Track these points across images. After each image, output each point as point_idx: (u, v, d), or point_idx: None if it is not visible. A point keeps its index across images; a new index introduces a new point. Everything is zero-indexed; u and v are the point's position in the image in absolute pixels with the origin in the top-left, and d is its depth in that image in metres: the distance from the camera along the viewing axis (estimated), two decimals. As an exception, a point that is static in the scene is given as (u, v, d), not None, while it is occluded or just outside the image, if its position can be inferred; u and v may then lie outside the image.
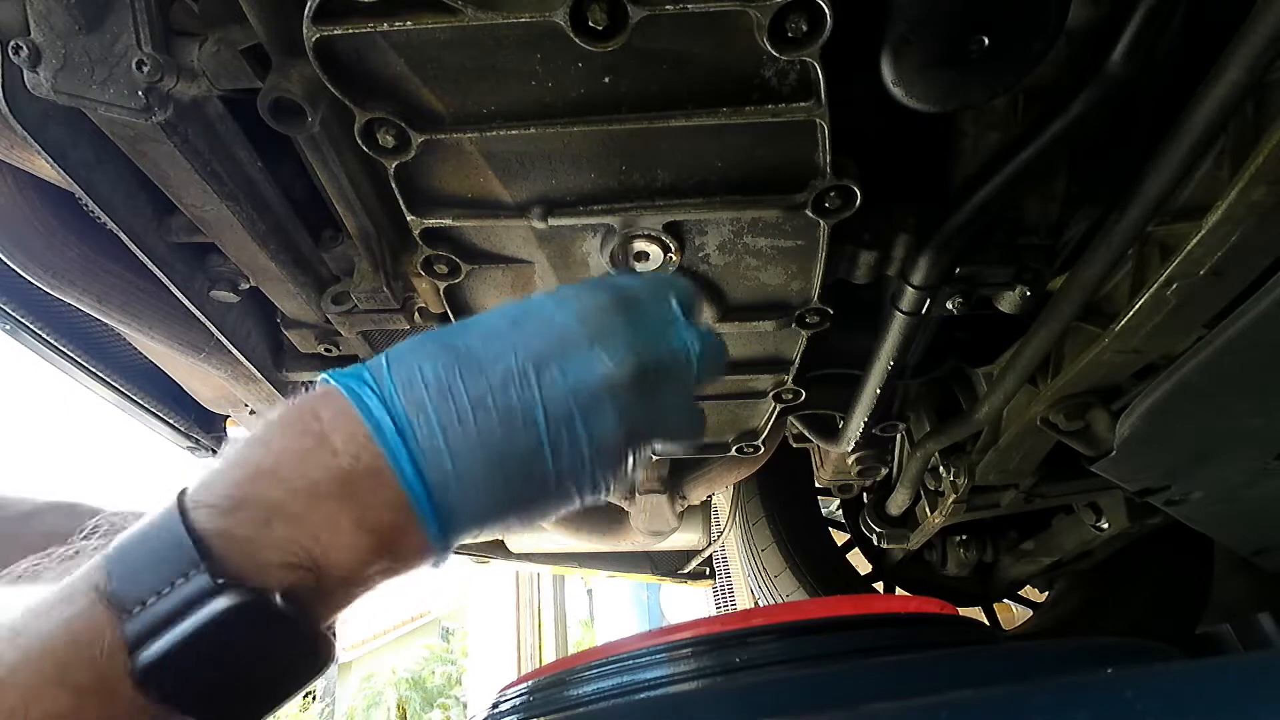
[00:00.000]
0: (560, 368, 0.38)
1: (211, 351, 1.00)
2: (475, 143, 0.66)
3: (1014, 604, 2.34)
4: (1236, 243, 0.67)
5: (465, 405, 0.36)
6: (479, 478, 0.36)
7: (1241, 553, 1.23)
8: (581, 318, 0.39)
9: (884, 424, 1.33)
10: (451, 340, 0.39)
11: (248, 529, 0.33)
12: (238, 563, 0.32)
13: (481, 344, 0.38)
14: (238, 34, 0.60)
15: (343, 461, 0.35)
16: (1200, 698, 0.44)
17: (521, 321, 0.39)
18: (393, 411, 0.36)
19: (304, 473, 0.34)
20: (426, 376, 0.37)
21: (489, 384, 0.37)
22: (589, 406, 0.38)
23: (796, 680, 0.67)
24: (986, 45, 0.55)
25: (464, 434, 0.36)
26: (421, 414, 0.36)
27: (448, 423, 0.36)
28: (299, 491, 0.34)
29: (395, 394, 0.36)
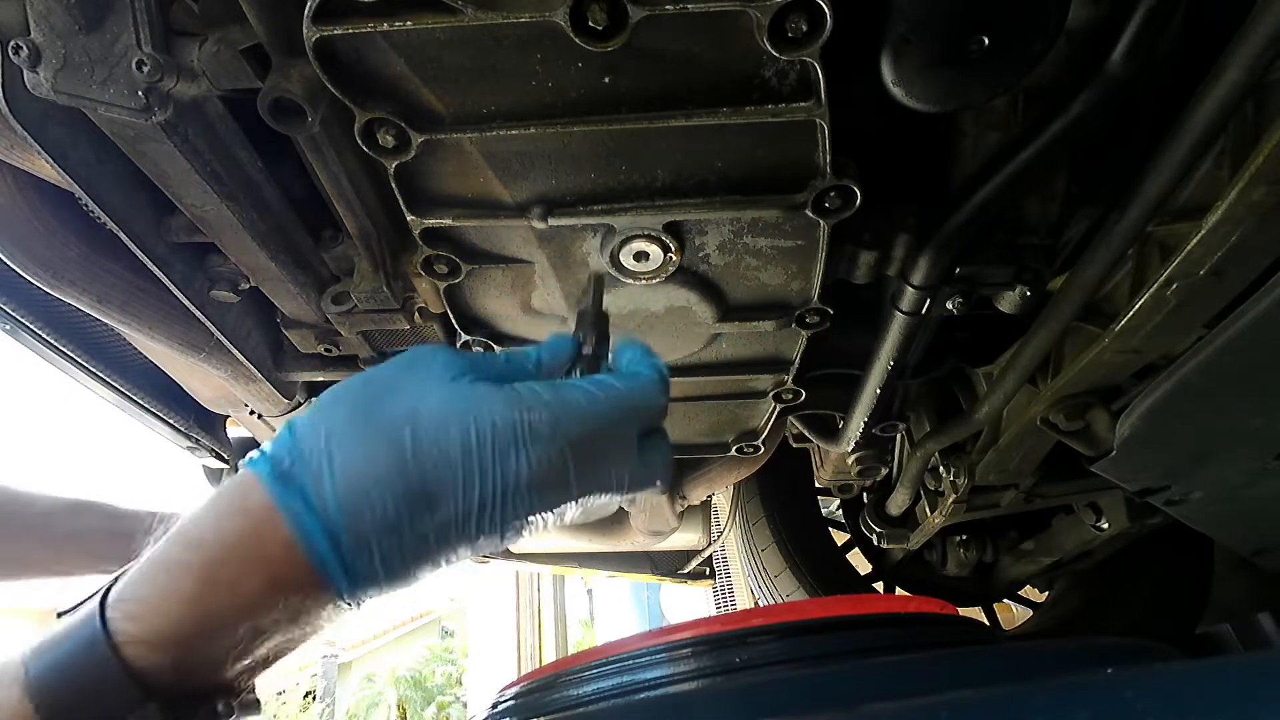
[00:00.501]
0: (492, 514, 0.39)
1: (211, 351, 1.00)
2: (475, 143, 0.66)
3: (1014, 604, 2.34)
4: (1236, 243, 0.67)
5: (406, 532, 0.37)
6: (398, 573, 0.38)
7: (1241, 553, 1.23)
8: (530, 466, 0.39)
9: (884, 424, 1.33)
10: (399, 438, 0.38)
11: (192, 668, 0.35)
12: (184, 691, 0.35)
13: (431, 465, 0.38)
14: (238, 34, 0.60)
15: (279, 577, 0.36)
16: (1200, 698, 0.44)
17: (471, 455, 0.38)
18: (329, 529, 0.36)
19: (240, 596, 0.35)
20: (369, 490, 0.37)
21: (433, 524, 0.38)
22: (511, 502, 0.39)
23: (796, 680, 0.67)
24: (986, 45, 0.55)
25: (396, 547, 0.37)
26: (358, 521, 0.36)
27: (385, 535, 0.37)
28: (237, 614, 0.35)
29: (335, 507, 0.36)
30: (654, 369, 0.47)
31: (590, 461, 0.41)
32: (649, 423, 0.45)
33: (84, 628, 0.34)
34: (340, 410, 0.39)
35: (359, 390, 0.41)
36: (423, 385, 0.40)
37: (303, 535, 0.36)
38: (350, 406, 0.39)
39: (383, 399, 0.40)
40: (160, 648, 0.34)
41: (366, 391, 0.41)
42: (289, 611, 0.36)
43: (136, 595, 0.35)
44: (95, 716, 0.32)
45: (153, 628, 0.34)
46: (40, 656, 0.34)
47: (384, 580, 0.38)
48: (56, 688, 0.33)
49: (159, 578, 0.36)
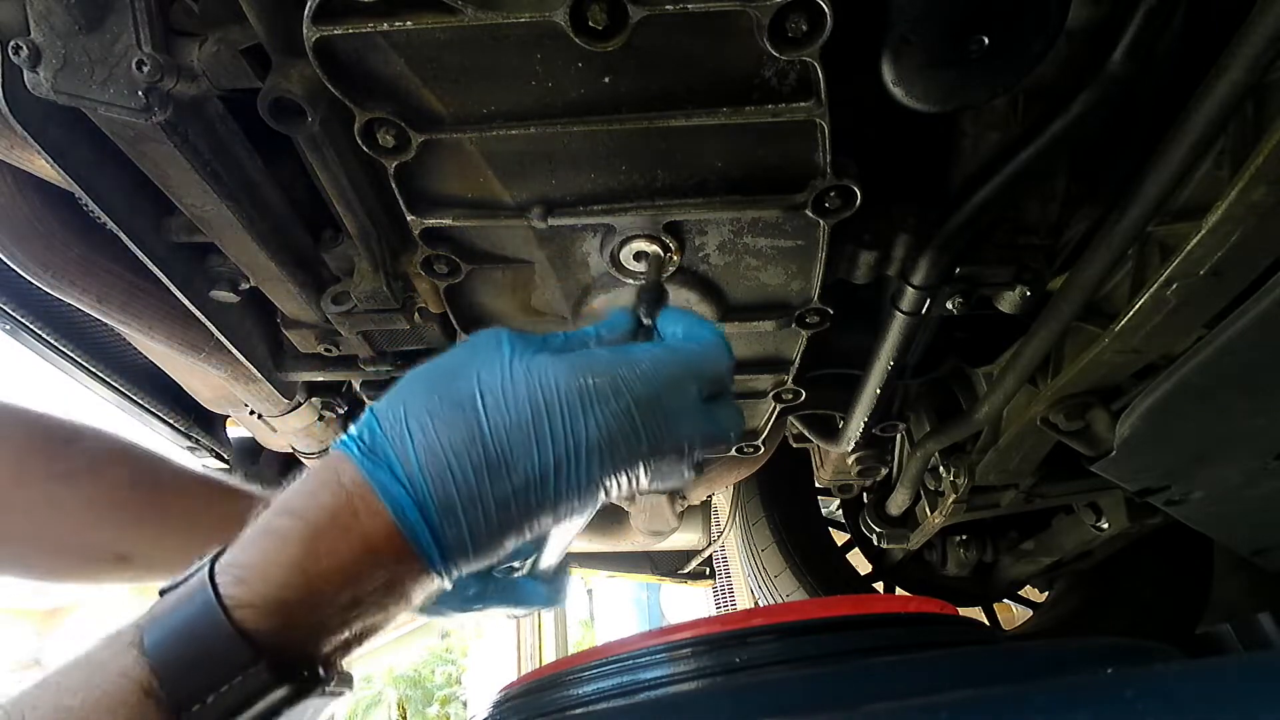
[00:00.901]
0: (568, 475, 0.40)
1: (211, 351, 1.00)
2: (475, 143, 0.66)
3: (1014, 604, 2.34)
4: (1236, 243, 0.67)
5: (488, 497, 0.39)
6: (485, 541, 0.40)
7: (1241, 553, 1.23)
8: (599, 425, 0.40)
9: (884, 424, 1.33)
10: (472, 410, 0.40)
11: (298, 632, 0.36)
12: (289, 656, 0.36)
13: (504, 430, 0.39)
14: (238, 34, 0.60)
15: (373, 544, 0.38)
16: (1200, 698, 0.44)
17: (541, 418, 0.40)
18: (417, 499, 0.38)
19: (339, 564, 0.37)
20: (449, 459, 0.39)
21: (511, 488, 0.39)
22: (585, 490, 0.41)
23: (796, 680, 0.67)
24: (986, 45, 0.55)
25: (481, 514, 0.39)
26: (443, 488, 0.38)
27: (470, 502, 0.39)
28: (337, 585, 0.37)
29: (421, 478, 0.38)
30: (715, 333, 0.48)
31: (658, 421, 0.42)
32: (715, 384, 0.46)
33: (195, 594, 0.36)
34: (415, 390, 0.42)
35: (431, 372, 0.43)
36: (490, 361, 0.42)
37: (393, 504, 0.38)
38: (424, 386, 0.42)
39: (453, 377, 0.42)
40: (267, 611, 0.35)
41: (438, 372, 0.43)
42: (384, 581, 0.38)
43: (242, 561, 0.37)
44: (210, 677, 0.34)
45: (259, 592, 0.36)
46: (155, 623, 0.36)
47: (473, 549, 0.40)
48: (172, 651, 0.34)
49: (263, 545, 0.37)
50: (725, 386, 0.47)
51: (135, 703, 0.33)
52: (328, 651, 0.38)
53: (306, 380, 1.13)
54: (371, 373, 1.03)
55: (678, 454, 0.44)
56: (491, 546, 0.41)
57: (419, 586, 0.40)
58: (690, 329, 0.50)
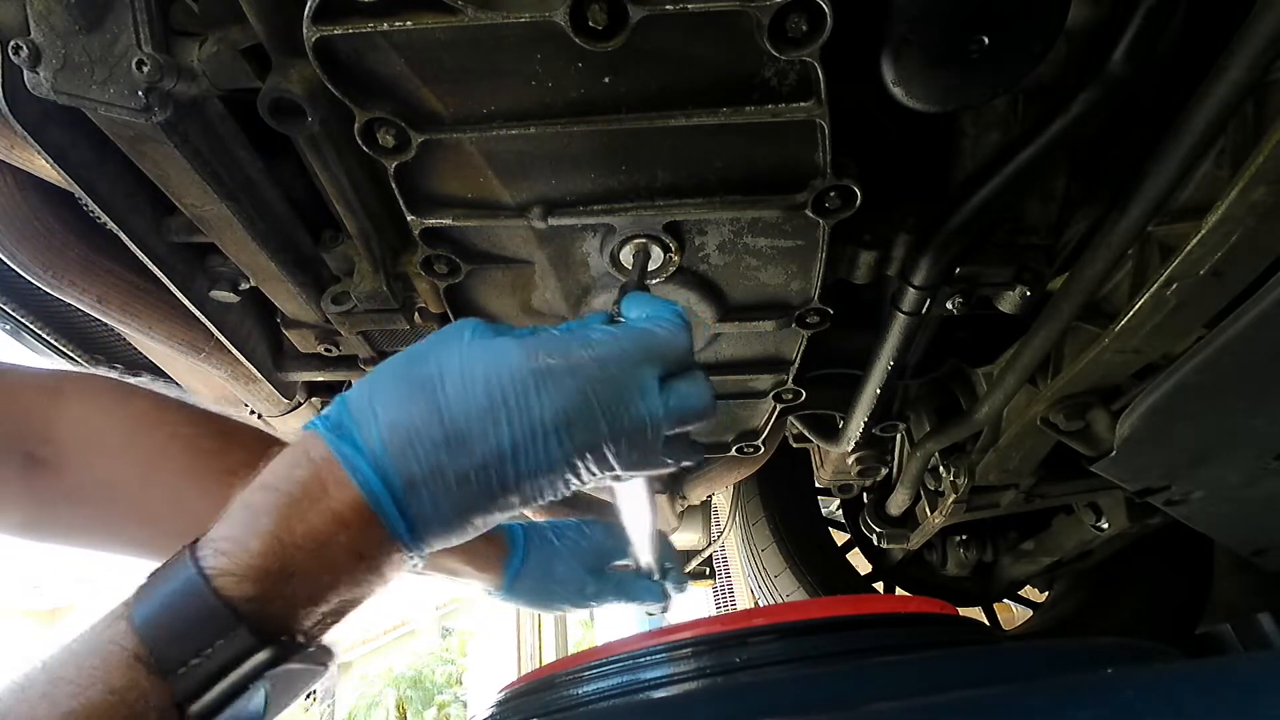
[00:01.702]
0: (527, 454, 0.42)
1: (211, 351, 1.00)
2: (475, 143, 0.66)
3: (1014, 604, 2.34)
4: (1236, 243, 0.67)
5: (448, 472, 0.41)
6: (450, 517, 0.42)
7: (1241, 553, 1.23)
8: (553, 404, 0.42)
9: (884, 424, 1.33)
10: (431, 390, 0.42)
11: (276, 599, 0.38)
12: (269, 622, 0.38)
13: (461, 409, 0.41)
14: (238, 34, 0.60)
15: (341, 514, 0.39)
16: (1200, 698, 0.45)
17: (496, 397, 0.41)
18: (380, 472, 0.40)
19: (310, 531, 0.39)
20: (410, 436, 0.41)
21: (471, 465, 0.41)
22: (551, 472, 0.43)
23: (796, 680, 0.67)
24: (986, 45, 0.55)
25: (443, 488, 0.41)
26: (405, 462, 0.40)
27: (430, 476, 0.41)
28: (310, 553, 0.39)
29: (383, 452, 0.40)
30: (672, 311, 0.49)
31: (615, 399, 0.43)
32: (676, 362, 0.47)
33: (179, 568, 0.38)
34: (383, 376, 0.44)
35: (398, 359, 0.45)
36: (451, 346, 0.44)
37: (357, 476, 0.40)
38: (390, 371, 0.44)
39: (417, 362, 0.43)
40: (245, 579, 0.37)
41: (404, 359, 0.44)
42: (354, 551, 0.40)
43: (223, 534, 0.39)
44: (195, 642, 0.36)
45: (238, 561, 0.37)
46: (142, 597, 0.38)
47: (439, 525, 0.42)
48: (159, 619, 0.37)
49: (240, 517, 0.39)
50: (687, 363, 0.48)
51: (127, 667, 0.35)
52: (308, 623, 0.40)
53: (306, 380, 1.13)
54: (371, 373, 1.03)
55: (642, 433, 0.44)
56: (458, 523, 0.42)
57: (389, 560, 0.41)
58: (650, 309, 0.50)
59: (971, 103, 0.61)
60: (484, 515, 0.43)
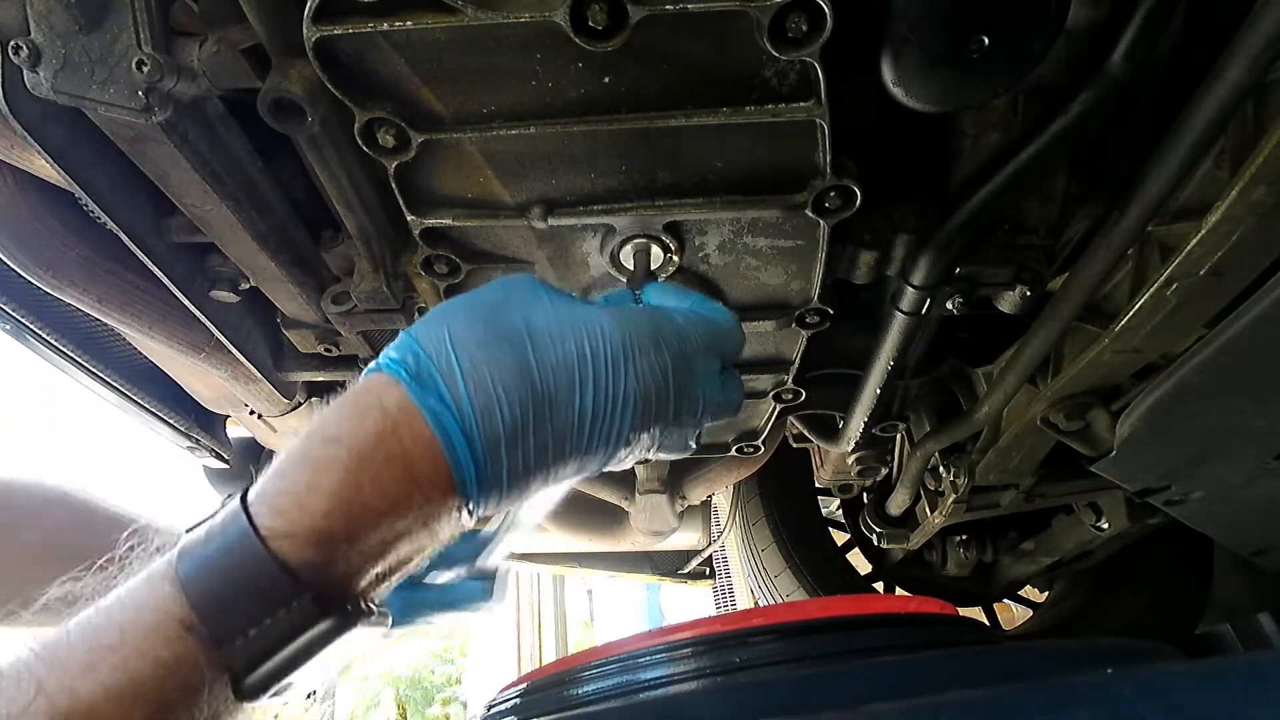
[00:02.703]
0: (601, 425, 0.40)
1: (211, 351, 1.00)
2: (475, 143, 0.66)
3: (1014, 604, 2.34)
4: (1236, 243, 0.67)
5: (530, 437, 0.38)
6: (517, 481, 0.39)
7: (1241, 553, 1.23)
8: (639, 376, 0.41)
9: (884, 424, 1.33)
10: (520, 346, 0.39)
11: (338, 564, 0.35)
12: (332, 590, 0.35)
13: (551, 370, 0.39)
14: (238, 34, 0.60)
15: (418, 475, 0.36)
16: (1200, 698, 0.44)
17: (586, 363, 0.40)
18: (465, 430, 0.37)
19: (381, 491, 0.35)
20: (498, 393, 0.38)
21: (552, 430, 0.39)
22: (613, 416, 0.41)
23: (796, 680, 0.67)
24: (986, 45, 0.55)
25: (521, 453, 0.38)
26: (490, 423, 0.37)
27: (513, 440, 0.38)
28: (378, 515, 0.35)
29: (470, 408, 0.37)
30: (727, 310, 0.51)
31: (685, 379, 0.43)
32: (731, 356, 0.49)
33: (231, 525, 0.34)
34: (458, 319, 0.40)
35: (472, 304, 0.42)
36: (533, 301, 0.42)
37: (443, 434, 0.36)
38: (468, 314, 0.40)
39: (498, 310, 0.41)
40: (308, 542, 0.34)
41: (480, 305, 0.42)
42: (422, 515, 0.37)
43: (281, 489, 0.35)
44: (252, 611, 0.33)
45: (299, 522, 0.34)
46: (188, 556, 0.34)
47: (506, 487, 0.39)
48: (210, 585, 0.33)
49: (302, 473, 0.35)
50: (736, 359, 0.50)
51: (176, 638, 0.32)
52: (363, 587, 0.37)
53: (306, 380, 1.13)
54: (371, 373, 1.03)
55: (695, 418, 0.45)
56: (521, 487, 0.40)
57: (450, 521, 0.39)
58: (705, 304, 0.51)
59: (971, 103, 0.61)
60: (543, 482, 0.41)
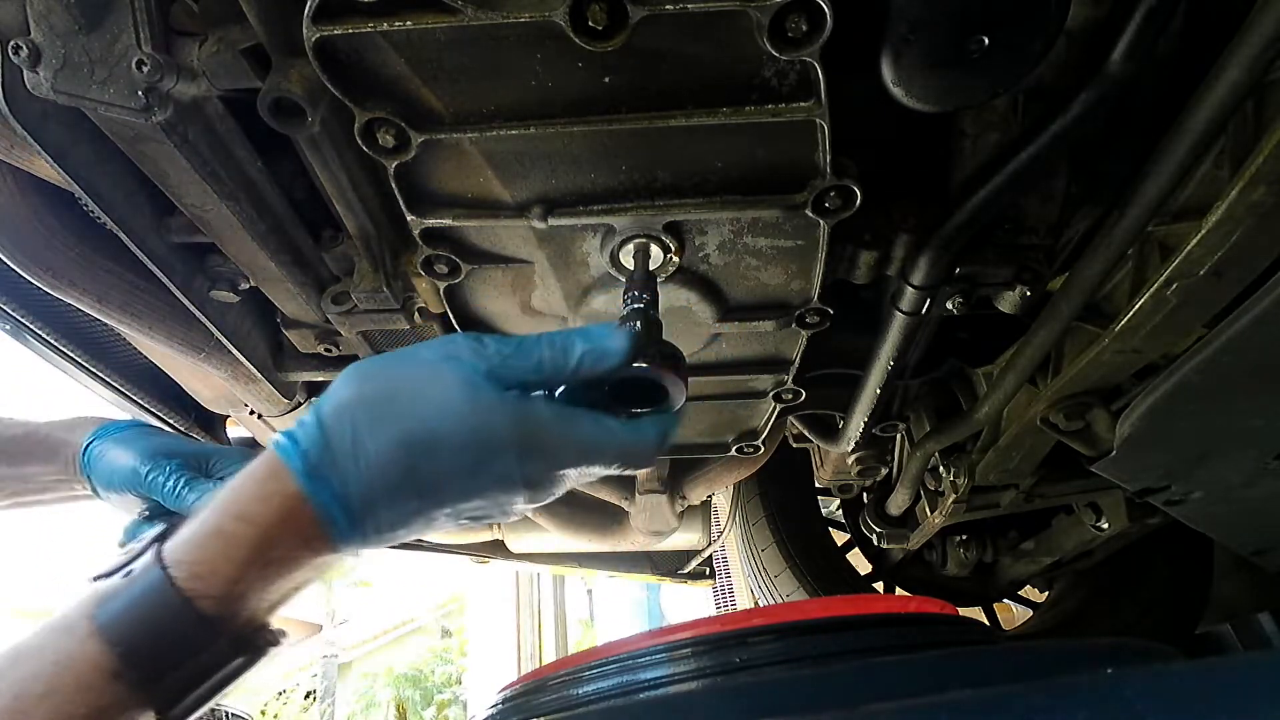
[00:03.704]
0: (482, 504, 0.46)
1: (211, 351, 1.00)
2: (475, 143, 0.66)
3: (1014, 604, 2.34)
4: (1236, 243, 0.67)
5: (414, 519, 0.45)
6: (391, 539, 0.47)
7: (1241, 553, 1.23)
8: (526, 476, 0.46)
9: (884, 424, 1.33)
10: (421, 451, 0.44)
11: (246, 613, 0.43)
12: (243, 630, 0.43)
13: (446, 475, 0.44)
14: (238, 34, 0.60)
15: (313, 544, 0.44)
16: (1200, 698, 0.44)
17: (484, 462, 0.45)
18: (353, 520, 0.44)
19: (284, 560, 0.43)
20: (394, 494, 0.44)
21: (438, 511, 0.45)
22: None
23: (796, 680, 0.67)
24: (986, 45, 0.55)
25: (402, 527, 0.45)
26: (374, 514, 0.44)
27: (396, 522, 0.45)
28: (281, 576, 0.44)
29: (360, 507, 0.44)
30: (661, 431, 0.52)
31: (571, 476, 0.49)
32: (632, 464, 0.51)
33: (152, 585, 0.41)
34: (364, 414, 0.44)
35: (384, 388, 0.45)
36: (445, 391, 0.44)
37: (333, 527, 0.43)
38: (373, 411, 0.44)
39: (406, 402, 0.44)
40: (224, 602, 0.42)
41: (390, 389, 0.45)
42: (313, 568, 0.45)
43: (198, 558, 0.42)
44: (175, 656, 0.40)
45: (214, 585, 0.42)
46: (106, 608, 0.41)
47: (377, 544, 0.47)
48: (134, 634, 0.40)
49: (217, 544, 0.43)
50: (642, 465, 0.53)
51: (104, 685, 0.38)
52: (266, 619, 0.46)
53: (306, 380, 1.13)
54: (371, 373, 1.03)
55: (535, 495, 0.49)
56: (390, 541, 0.47)
57: (329, 563, 0.46)
58: (652, 417, 0.53)
59: (971, 103, 0.61)
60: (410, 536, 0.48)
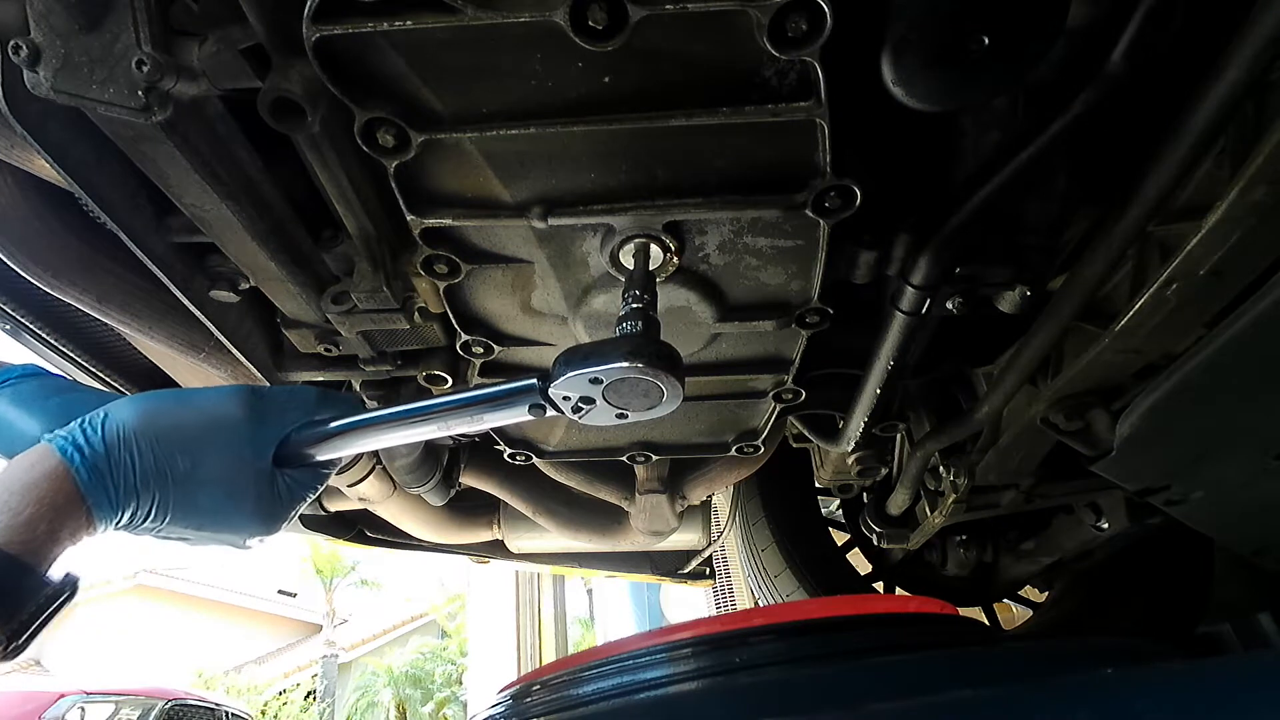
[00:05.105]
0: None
1: (211, 351, 1.00)
2: (475, 143, 0.66)
3: (1014, 604, 2.34)
4: (1236, 243, 0.67)
5: (165, 473, 0.57)
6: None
7: (1241, 553, 1.23)
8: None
9: (884, 424, 1.33)
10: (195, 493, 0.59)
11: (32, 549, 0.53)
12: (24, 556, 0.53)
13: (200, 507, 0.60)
14: (238, 33, 0.60)
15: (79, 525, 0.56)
16: (1200, 698, 0.45)
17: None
18: (116, 508, 0.56)
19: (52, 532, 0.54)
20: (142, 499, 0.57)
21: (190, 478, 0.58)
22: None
23: (796, 680, 0.67)
24: (987, 45, 0.55)
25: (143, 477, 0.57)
26: (130, 510, 0.57)
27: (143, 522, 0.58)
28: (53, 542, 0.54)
29: (122, 499, 0.56)
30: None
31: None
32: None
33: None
34: (151, 442, 0.57)
35: (179, 428, 0.59)
36: (225, 455, 0.60)
37: (101, 509, 0.56)
38: (166, 445, 0.58)
39: (194, 447, 0.59)
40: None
41: (183, 430, 0.59)
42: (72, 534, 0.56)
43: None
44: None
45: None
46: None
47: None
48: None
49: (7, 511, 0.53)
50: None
51: None
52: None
53: (306, 380, 1.13)
54: (371, 373, 1.03)
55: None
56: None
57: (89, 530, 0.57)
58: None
59: (971, 102, 0.61)
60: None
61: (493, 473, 1.54)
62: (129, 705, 5.03)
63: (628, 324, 0.62)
